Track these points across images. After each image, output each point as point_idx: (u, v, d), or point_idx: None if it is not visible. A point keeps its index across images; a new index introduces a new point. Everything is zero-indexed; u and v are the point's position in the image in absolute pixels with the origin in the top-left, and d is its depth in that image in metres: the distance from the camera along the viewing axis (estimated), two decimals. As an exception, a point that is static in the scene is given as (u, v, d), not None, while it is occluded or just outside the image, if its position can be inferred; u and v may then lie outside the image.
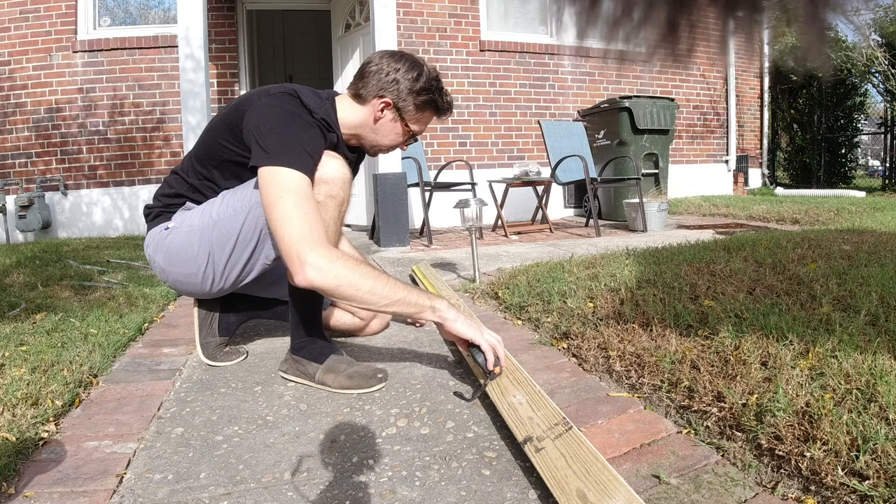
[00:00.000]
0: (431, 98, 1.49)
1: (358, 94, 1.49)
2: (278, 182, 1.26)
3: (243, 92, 5.35)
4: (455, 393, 1.37)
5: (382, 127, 1.51)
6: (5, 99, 4.88)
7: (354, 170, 1.67)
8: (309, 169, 1.31)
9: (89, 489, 0.99)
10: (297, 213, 1.24)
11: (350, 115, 1.50)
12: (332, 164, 1.38)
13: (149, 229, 1.58)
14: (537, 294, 2.09)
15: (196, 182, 1.53)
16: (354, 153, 1.60)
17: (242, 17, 5.37)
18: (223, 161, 1.48)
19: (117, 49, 4.93)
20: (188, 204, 1.55)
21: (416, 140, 1.60)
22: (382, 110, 1.48)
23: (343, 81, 5.62)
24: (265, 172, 1.28)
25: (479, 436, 1.16)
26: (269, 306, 1.77)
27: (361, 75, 1.49)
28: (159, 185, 5.26)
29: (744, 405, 1.10)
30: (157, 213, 1.57)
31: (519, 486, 0.97)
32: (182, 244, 1.49)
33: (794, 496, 0.89)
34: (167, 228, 1.52)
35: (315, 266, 1.21)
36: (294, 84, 1.47)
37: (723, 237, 3.31)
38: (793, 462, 0.94)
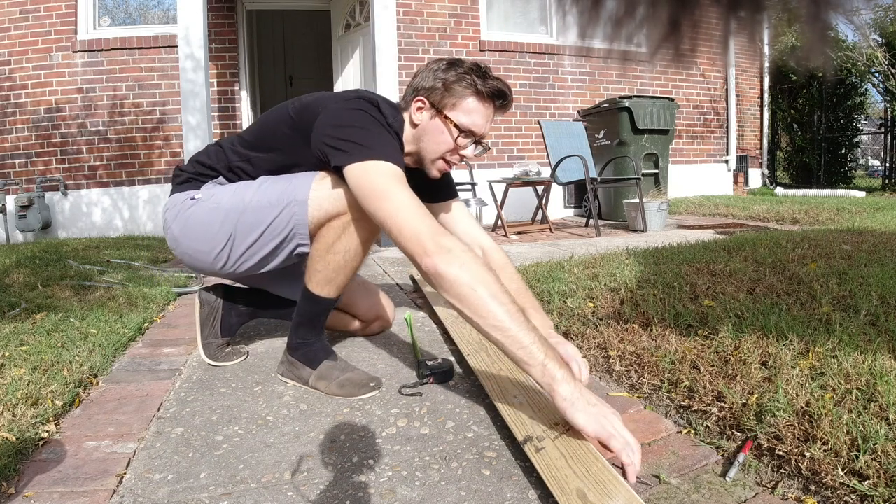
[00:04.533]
0: (469, 82, 1.34)
1: (402, 107, 1.42)
2: (383, 172, 1.20)
3: (244, 92, 5.35)
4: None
5: (424, 131, 1.39)
6: (5, 99, 4.88)
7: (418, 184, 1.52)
8: (403, 168, 1.24)
9: (89, 489, 0.99)
10: (416, 202, 1.17)
11: (404, 133, 1.42)
12: None
13: (173, 192, 1.53)
14: (537, 294, 2.09)
15: (236, 161, 1.48)
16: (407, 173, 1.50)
17: (242, 17, 5.37)
18: (274, 149, 1.43)
19: (117, 49, 4.93)
20: (220, 179, 1.51)
21: (480, 145, 1.43)
22: (419, 110, 1.39)
23: (343, 81, 5.62)
24: (362, 166, 1.22)
25: (479, 436, 1.16)
26: (270, 307, 1.77)
27: (407, 87, 1.43)
28: (159, 184, 5.18)
29: (744, 405, 1.10)
30: (187, 178, 1.52)
31: (519, 485, 0.97)
32: (204, 220, 1.44)
33: (794, 496, 0.89)
34: (193, 199, 1.47)
35: (452, 251, 1.09)
36: (370, 92, 1.41)
37: (723, 237, 3.31)
38: (793, 462, 0.94)
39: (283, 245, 1.42)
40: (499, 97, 1.39)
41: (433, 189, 1.57)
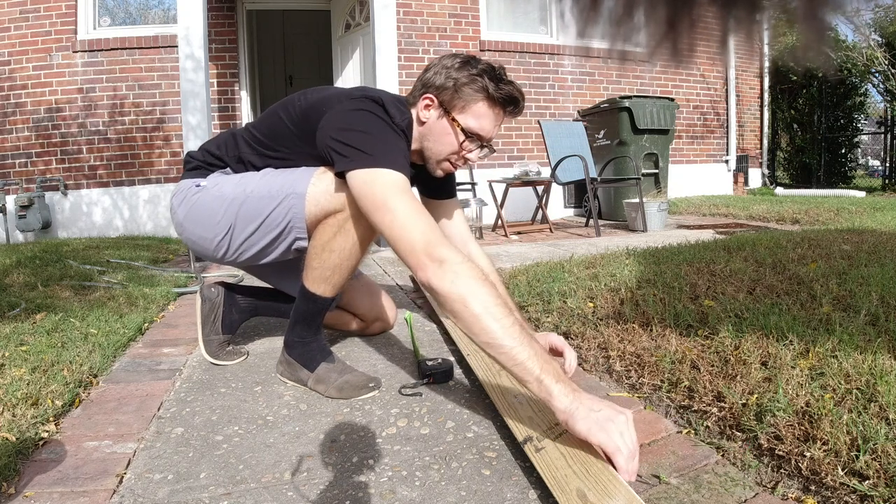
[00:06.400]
0: (481, 85, 1.30)
1: (409, 102, 1.40)
2: (385, 182, 1.18)
3: (244, 92, 5.35)
4: None
5: (431, 130, 1.37)
6: (5, 99, 4.88)
7: (422, 181, 1.56)
8: (407, 172, 1.22)
9: (89, 489, 0.99)
10: (414, 212, 1.15)
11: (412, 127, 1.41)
12: None
13: (183, 177, 1.54)
14: (537, 294, 2.09)
15: (246, 154, 1.47)
16: (413, 170, 1.51)
17: (242, 17, 5.37)
18: (279, 150, 1.43)
19: (117, 49, 4.93)
20: (227, 169, 1.51)
21: (485, 147, 1.40)
22: (427, 108, 1.36)
23: (343, 81, 5.62)
24: (364, 175, 1.20)
25: (479, 436, 1.16)
26: (271, 304, 1.77)
27: (415, 81, 1.40)
28: (159, 184, 5.18)
29: (744, 405, 1.10)
30: (196, 165, 1.53)
31: (519, 485, 0.97)
32: (207, 207, 1.45)
33: (794, 496, 0.89)
34: (199, 185, 1.48)
35: (447, 262, 1.08)
36: (374, 89, 1.39)
37: (723, 237, 3.31)
38: (793, 462, 0.94)
39: (281, 238, 1.42)
40: (510, 103, 1.36)
41: (436, 186, 1.59)
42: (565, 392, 0.97)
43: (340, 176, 1.27)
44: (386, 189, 1.18)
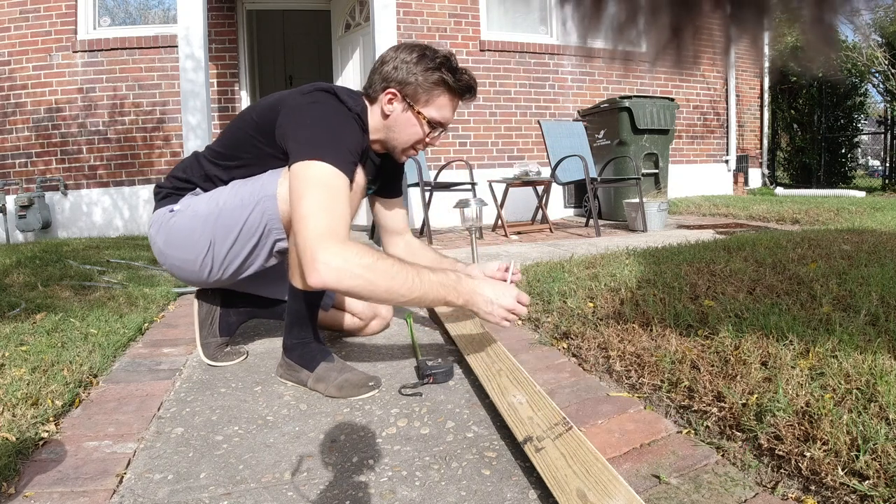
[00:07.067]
0: (440, 78, 1.38)
1: (368, 95, 1.44)
2: (308, 175, 1.22)
3: (244, 92, 5.35)
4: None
5: (396, 122, 1.43)
6: (5, 99, 4.88)
7: (383, 177, 1.66)
8: (347, 165, 1.25)
9: (89, 489, 0.99)
10: (320, 209, 1.18)
11: (370, 120, 1.44)
12: None
13: (156, 208, 1.56)
14: (537, 294, 2.09)
15: (211, 170, 1.49)
16: (379, 159, 1.56)
17: (242, 17, 5.37)
18: (242, 157, 1.46)
19: (117, 49, 4.93)
20: (197, 190, 1.52)
21: (444, 130, 1.48)
22: (390, 102, 1.41)
23: (343, 81, 5.62)
24: (297, 167, 1.23)
25: (479, 436, 1.16)
26: (269, 306, 1.76)
27: (369, 74, 1.44)
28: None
29: (744, 405, 1.10)
30: (166, 193, 1.55)
31: (519, 485, 0.97)
32: (184, 229, 1.46)
33: (794, 496, 0.89)
34: (172, 210, 1.49)
35: (329, 265, 1.15)
36: (326, 83, 1.43)
37: (723, 237, 3.31)
38: (793, 462, 0.94)
39: (262, 242, 1.43)
40: (468, 91, 1.45)
41: (389, 187, 1.71)
42: (463, 300, 1.28)
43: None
44: (307, 181, 1.22)
